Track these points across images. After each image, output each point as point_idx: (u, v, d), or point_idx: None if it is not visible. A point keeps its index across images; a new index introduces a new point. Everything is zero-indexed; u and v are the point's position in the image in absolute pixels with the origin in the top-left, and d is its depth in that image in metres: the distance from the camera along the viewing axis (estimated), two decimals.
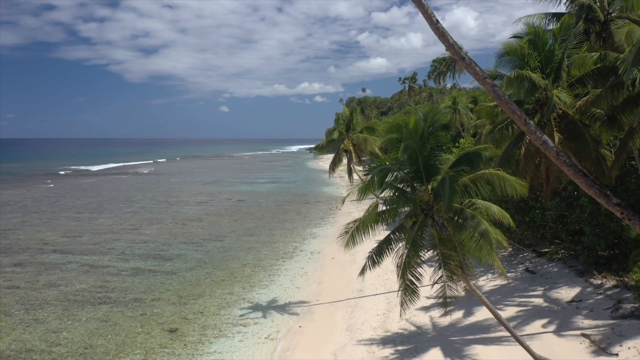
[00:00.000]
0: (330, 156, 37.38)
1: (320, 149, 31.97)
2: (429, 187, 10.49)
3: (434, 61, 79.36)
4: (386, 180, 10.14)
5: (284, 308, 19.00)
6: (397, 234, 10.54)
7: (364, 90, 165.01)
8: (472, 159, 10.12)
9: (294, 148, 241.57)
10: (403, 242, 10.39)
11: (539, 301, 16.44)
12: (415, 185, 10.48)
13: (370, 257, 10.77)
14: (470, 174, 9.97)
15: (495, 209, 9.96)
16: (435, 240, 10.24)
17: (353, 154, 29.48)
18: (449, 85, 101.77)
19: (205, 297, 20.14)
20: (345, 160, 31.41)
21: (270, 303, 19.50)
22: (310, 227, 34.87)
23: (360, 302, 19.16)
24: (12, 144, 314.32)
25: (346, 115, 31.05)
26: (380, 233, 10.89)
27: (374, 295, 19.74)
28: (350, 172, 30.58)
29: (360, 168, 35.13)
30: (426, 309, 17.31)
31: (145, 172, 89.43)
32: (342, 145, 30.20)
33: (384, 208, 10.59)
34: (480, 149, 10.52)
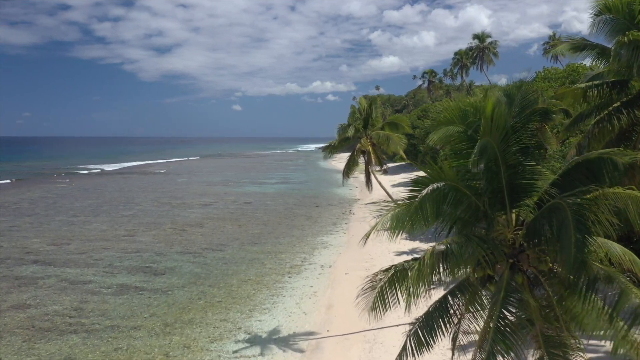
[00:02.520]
0: (345, 155, 33.43)
1: (331, 150, 27.69)
2: (513, 216, 6.46)
3: (456, 54, 74.85)
4: (444, 206, 5.99)
5: (287, 341, 15.74)
6: (458, 295, 6.74)
7: (377, 88, 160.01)
8: (595, 171, 5.91)
9: (312, 147, 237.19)
10: (463, 303, 6.62)
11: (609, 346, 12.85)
12: (492, 214, 6.27)
13: (414, 334, 6.81)
14: (589, 194, 5.76)
15: (618, 249, 6.01)
16: (531, 312, 6.13)
17: (372, 156, 25.28)
18: (467, 82, 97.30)
19: (195, 324, 16.98)
20: (361, 162, 27.30)
21: (271, 334, 16.25)
22: (320, 235, 31.53)
23: (380, 335, 15.78)
24: (28, 142, 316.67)
25: (364, 108, 26.29)
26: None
27: (397, 326, 16.26)
28: (368, 178, 26.43)
29: (377, 168, 31.48)
30: (463, 348, 13.86)
31: (162, 171, 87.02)
32: (359, 145, 25.97)
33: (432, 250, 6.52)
34: (610, 153, 5.95)
